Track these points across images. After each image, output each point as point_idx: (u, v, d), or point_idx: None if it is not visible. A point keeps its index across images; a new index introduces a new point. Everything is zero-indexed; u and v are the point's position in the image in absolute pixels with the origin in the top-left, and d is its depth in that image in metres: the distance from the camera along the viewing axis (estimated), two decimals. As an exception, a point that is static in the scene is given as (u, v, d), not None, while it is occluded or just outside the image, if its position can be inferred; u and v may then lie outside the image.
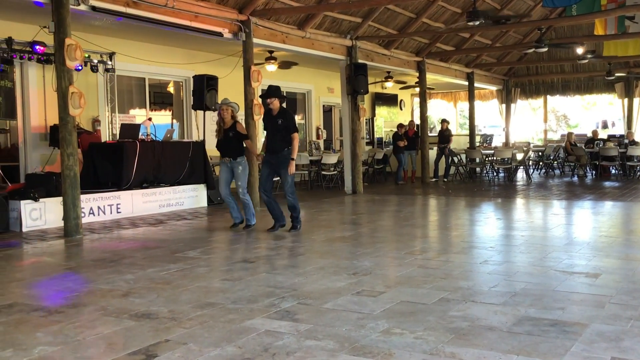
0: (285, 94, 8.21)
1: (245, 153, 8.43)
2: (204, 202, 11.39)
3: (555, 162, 19.07)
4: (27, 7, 8.62)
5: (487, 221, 9.19)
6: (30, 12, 9.13)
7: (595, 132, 19.36)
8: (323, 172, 14.90)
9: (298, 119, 18.92)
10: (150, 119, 12.40)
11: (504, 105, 22.83)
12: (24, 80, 11.23)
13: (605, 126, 28.86)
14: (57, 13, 7.97)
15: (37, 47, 10.55)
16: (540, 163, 19.19)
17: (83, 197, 8.60)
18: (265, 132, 8.24)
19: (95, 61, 11.89)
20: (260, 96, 8.60)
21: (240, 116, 13.38)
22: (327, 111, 19.96)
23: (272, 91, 7.90)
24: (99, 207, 9.57)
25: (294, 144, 7.84)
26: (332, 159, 15.02)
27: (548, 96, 23.35)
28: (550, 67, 21.97)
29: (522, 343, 3.55)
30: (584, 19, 15.94)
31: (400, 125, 16.71)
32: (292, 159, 7.84)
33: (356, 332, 3.78)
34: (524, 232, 7.87)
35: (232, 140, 8.24)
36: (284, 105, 8.04)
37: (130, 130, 10.87)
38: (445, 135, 16.69)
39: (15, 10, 9.64)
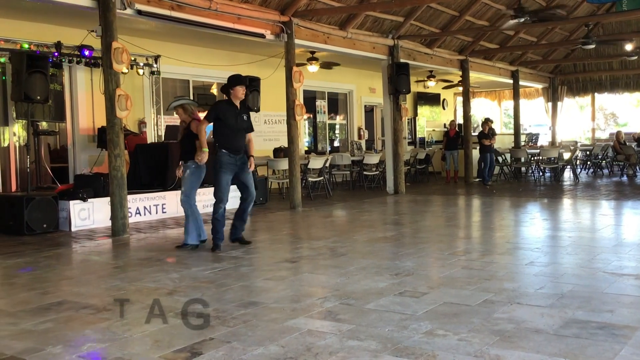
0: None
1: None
2: (246, 202, 11.46)
3: (604, 161, 18.60)
4: (75, 12, 8.84)
5: (532, 222, 9.02)
6: (78, 16, 9.36)
7: (645, 131, 18.82)
8: (365, 172, 14.87)
9: (340, 119, 18.94)
10: (194, 120, 12.58)
11: (550, 104, 22.38)
12: (73, 83, 11.54)
13: (656, 124, 27.99)
14: (104, 17, 8.15)
15: (85, 51, 10.82)
16: (588, 162, 18.74)
17: (130, 197, 8.78)
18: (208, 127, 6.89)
19: (141, 64, 12.13)
20: (235, 85, 6.84)
21: (282, 117, 13.56)
22: (369, 111, 19.92)
23: (244, 79, 6.96)
24: (145, 207, 9.76)
25: (252, 143, 7.02)
26: (374, 159, 14.98)
27: (596, 94, 22.79)
28: (598, 64, 21.45)
29: (569, 346, 3.47)
30: (632, 15, 15.50)
31: (485, 122, 15.98)
32: (252, 156, 6.97)
33: (399, 333, 3.75)
34: (571, 233, 7.70)
35: (184, 139, 7.08)
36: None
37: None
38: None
39: (63, 15, 9.90)
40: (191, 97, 14.08)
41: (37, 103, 9.00)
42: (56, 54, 10.56)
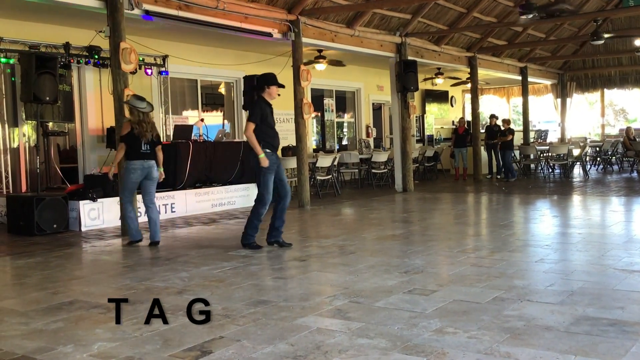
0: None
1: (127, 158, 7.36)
2: (255, 201, 11.48)
3: (614, 157, 18.49)
4: (83, 13, 8.87)
5: (542, 219, 8.99)
6: (86, 17, 9.40)
7: (655, 126, 18.70)
8: (373, 171, 14.85)
9: (348, 117, 18.92)
10: (202, 120, 12.62)
11: (559, 100, 22.29)
12: (82, 84, 11.57)
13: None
14: (112, 18, 8.19)
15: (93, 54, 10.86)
16: (598, 159, 18.64)
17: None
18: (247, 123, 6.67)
19: (150, 64, 12.16)
20: (278, 84, 6.91)
21: (289, 115, 13.56)
22: (377, 109, 19.89)
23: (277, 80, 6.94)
24: (154, 206, 9.77)
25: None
26: (382, 157, 14.95)
27: (605, 89, 22.67)
28: (607, 60, 21.33)
29: (580, 343, 3.45)
30: (641, 10, 15.40)
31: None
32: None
33: (408, 331, 3.75)
34: (581, 229, 7.66)
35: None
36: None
37: (183, 131, 11.07)
38: (494, 131, 16.40)
39: (72, 16, 9.93)
40: (199, 97, 14.12)
41: (46, 104, 9.04)
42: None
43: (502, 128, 16.03)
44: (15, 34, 10.29)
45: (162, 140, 7.81)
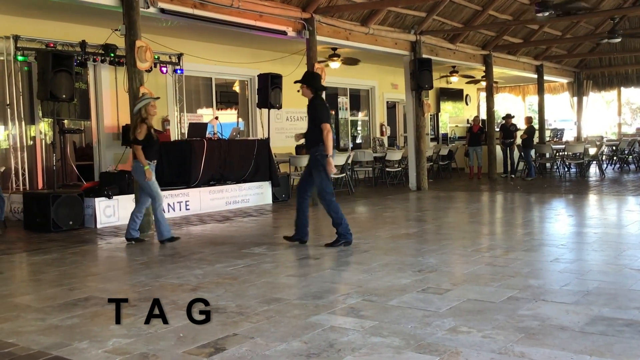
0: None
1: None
2: (269, 199, 11.53)
3: (630, 156, 18.31)
4: (99, 11, 8.93)
5: (557, 218, 8.92)
6: (102, 15, 9.46)
7: (673, 125, 18.50)
8: (387, 169, 14.83)
9: (362, 115, 18.89)
10: (217, 118, 12.67)
11: (575, 98, 22.11)
12: (97, 82, 11.66)
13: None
14: (128, 16, 8.23)
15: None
16: (614, 158, 18.47)
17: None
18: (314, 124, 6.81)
19: (165, 62, 12.22)
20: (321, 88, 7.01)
21: (303, 114, 13.53)
22: (391, 107, 19.85)
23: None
24: (169, 204, 9.83)
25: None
26: (396, 155, 14.92)
27: (622, 88, 22.48)
28: (624, 58, 21.12)
29: (595, 343, 3.43)
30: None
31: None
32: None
33: (422, 330, 3.74)
34: (596, 229, 7.60)
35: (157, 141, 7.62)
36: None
37: (198, 129, 11.12)
38: (510, 131, 16.30)
39: (88, 15, 10.01)
40: (214, 95, 14.18)
41: (62, 102, 9.11)
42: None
43: (525, 126, 16.00)
44: (32, 32, 10.38)
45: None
